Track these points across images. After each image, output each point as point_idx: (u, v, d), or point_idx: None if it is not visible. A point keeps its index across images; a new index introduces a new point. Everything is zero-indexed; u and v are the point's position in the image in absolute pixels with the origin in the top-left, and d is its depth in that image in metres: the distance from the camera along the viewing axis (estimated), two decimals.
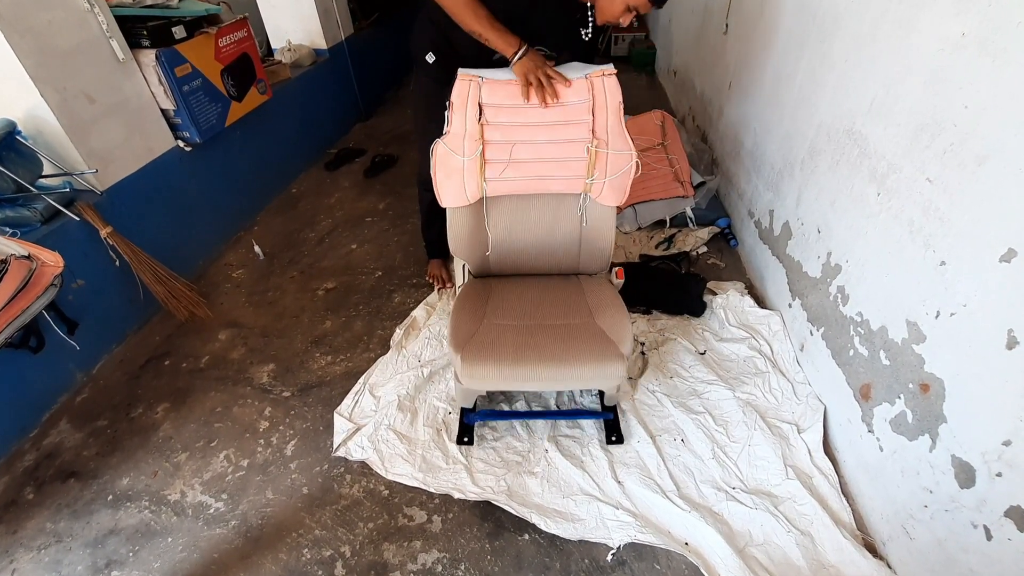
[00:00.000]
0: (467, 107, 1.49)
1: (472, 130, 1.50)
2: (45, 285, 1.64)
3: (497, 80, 1.49)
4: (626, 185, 1.59)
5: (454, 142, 1.52)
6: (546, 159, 1.55)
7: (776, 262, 2.11)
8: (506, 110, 1.50)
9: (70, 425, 1.89)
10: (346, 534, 1.54)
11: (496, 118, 1.50)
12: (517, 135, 1.52)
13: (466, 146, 1.52)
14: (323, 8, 3.56)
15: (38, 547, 1.53)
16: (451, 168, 1.54)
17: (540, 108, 1.48)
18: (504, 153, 1.53)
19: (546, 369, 1.46)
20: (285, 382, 2.02)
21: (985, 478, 1.10)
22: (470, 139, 1.51)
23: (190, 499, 1.64)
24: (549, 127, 1.52)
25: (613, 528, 1.50)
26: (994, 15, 1.09)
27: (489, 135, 1.51)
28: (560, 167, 1.56)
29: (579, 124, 1.51)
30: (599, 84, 1.49)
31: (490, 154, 1.53)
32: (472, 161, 1.52)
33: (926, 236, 1.28)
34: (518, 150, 1.53)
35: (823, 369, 1.74)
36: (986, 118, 1.11)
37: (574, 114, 1.50)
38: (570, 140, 1.53)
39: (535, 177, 1.58)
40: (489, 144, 1.52)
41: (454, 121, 1.50)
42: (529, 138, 1.52)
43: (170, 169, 2.39)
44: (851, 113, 1.60)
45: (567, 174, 1.57)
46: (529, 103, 1.48)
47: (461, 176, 1.55)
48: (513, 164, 1.55)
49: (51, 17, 1.84)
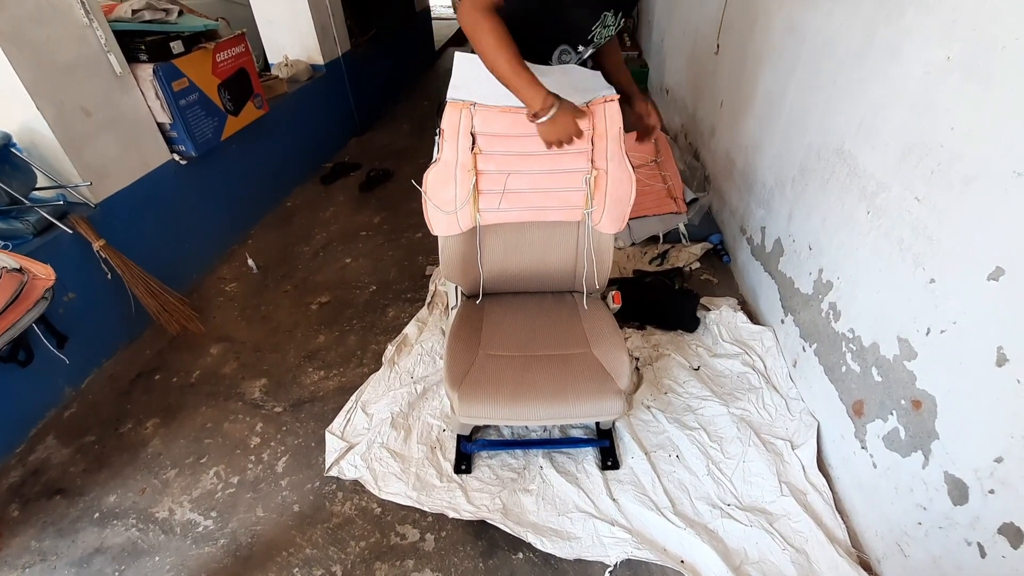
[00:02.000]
0: (459, 136, 1.42)
1: (464, 160, 1.44)
2: (36, 298, 1.62)
3: (491, 108, 1.40)
4: (626, 212, 1.55)
5: (445, 172, 1.46)
6: (542, 190, 1.50)
7: (768, 278, 2.13)
8: (500, 139, 1.43)
9: (57, 441, 1.85)
10: (337, 553, 1.51)
11: (490, 147, 1.44)
12: (512, 165, 1.47)
13: (458, 176, 1.47)
14: (320, 24, 3.60)
15: (22, 566, 1.50)
16: (442, 199, 1.49)
17: (536, 137, 1.36)
18: (498, 184, 1.48)
19: (543, 408, 1.43)
20: (277, 397, 2.00)
21: (978, 495, 1.11)
22: (462, 169, 1.46)
23: (178, 517, 1.62)
24: (545, 157, 1.45)
25: (609, 545, 1.49)
26: (979, 40, 1.12)
27: (483, 165, 1.46)
28: (557, 198, 1.51)
29: (577, 154, 1.46)
30: (599, 111, 1.41)
31: (483, 185, 1.48)
32: (465, 192, 1.47)
33: (916, 254, 1.30)
34: (513, 180, 1.48)
35: (816, 385, 1.75)
36: (972, 140, 1.14)
37: (572, 143, 1.43)
38: (568, 170, 1.48)
39: (531, 208, 1.53)
40: (483, 174, 1.46)
41: (445, 149, 1.44)
42: (524, 168, 1.47)
43: (165, 182, 2.39)
44: (840, 133, 1.63)
45: (564, 204, 1.52)
46: (527, 134, 1.39)
47: (454, 207, 1.50)
48: (508, 195, 1.50)
49: (49, 32, 1.85)
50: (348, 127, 4.18)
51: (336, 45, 3.81)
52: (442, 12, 8.01)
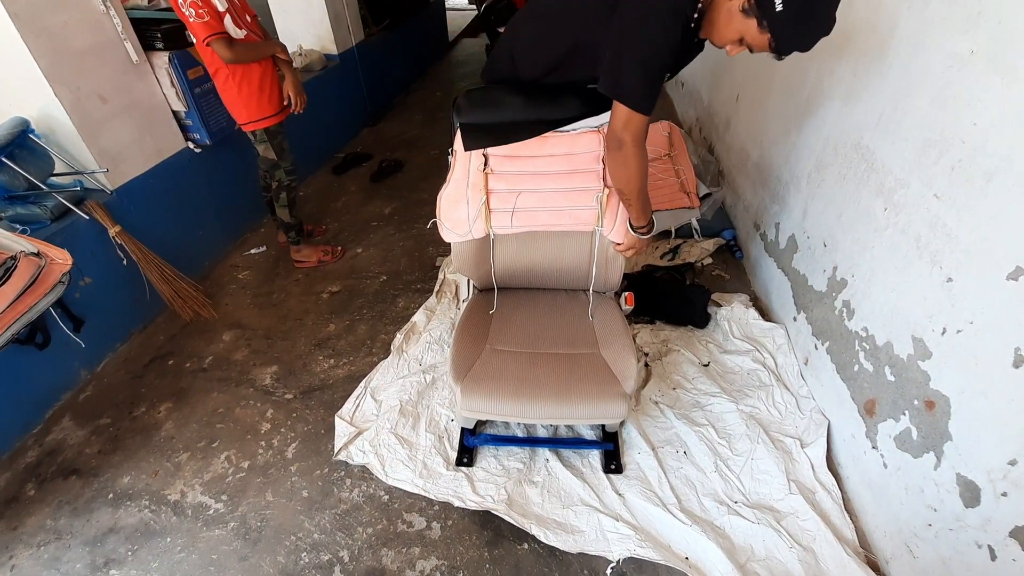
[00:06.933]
0: (471, 156, 1.46)
1: (476, 180, 1.47)
2: (53, 282, 1.65)
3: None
4: None
5: (457, 191, 1.49)
6: (554, 208, 1.51)
7: (781, 275, 2.10)
8: (511, 159, 1.46)
9: (73, 422, 1.89)
10: (345, 538, 1.53)
11: (501, 167, 1.47)
12: (523, 184, 1.48)
13: (470, 196, 1.49)
14: (334, 14, 3.60)
15: (37, 544, 1.53)
16: (455, 219, 1.52)
17: (548, 158, 1.43)
18: (509, 202, 1.49)
19: (545, 407, 1.43)
20: (287, 384, 2.02)
21: (990, 497, 1.09)
22: (474, 189, 1.48)
23: (190, 499, 1.64)
24: (556, 176, 1.47)
25: (613, 541, 1.49)
26: (1004, 33, 1.09)
27: (493, 184, 1.47)
28: (569, 215, 1.52)
29: (588, 173, 1.47)
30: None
31: (494, 203, 1.49)
32: (475, 210, 1.49)
33: (933, 252, 1.27)
34: (524, 199, 1.49)
35: (827, 383, 1.73)
36: (994, 135, 1.11)
37: (583, 163, 1.46)
38: (580, 188, 1.48)
39: (542, 224, 1.54)
40: (493, 193, 1.48)
41: (456, 168, 1.47)
42: (535, 186, 1.48)
43: (179, 170, 2.41)
44: (858, 127, 1.60)
45: (576, 221, 1.53)
46: (538, 154, 1.44)
47: (467, 225, 1.52)
48: (518, 213, 1.51)
49: (67, 18, 1.87)
50: (360, 117, 4.18)
51: (350, 35, 3.81)
52: (456, 2, 7.95)
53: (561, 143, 1.45)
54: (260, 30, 2.18)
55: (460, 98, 1.48)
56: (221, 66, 2.05)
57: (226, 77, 2.09)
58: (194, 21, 1.90)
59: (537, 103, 1.44)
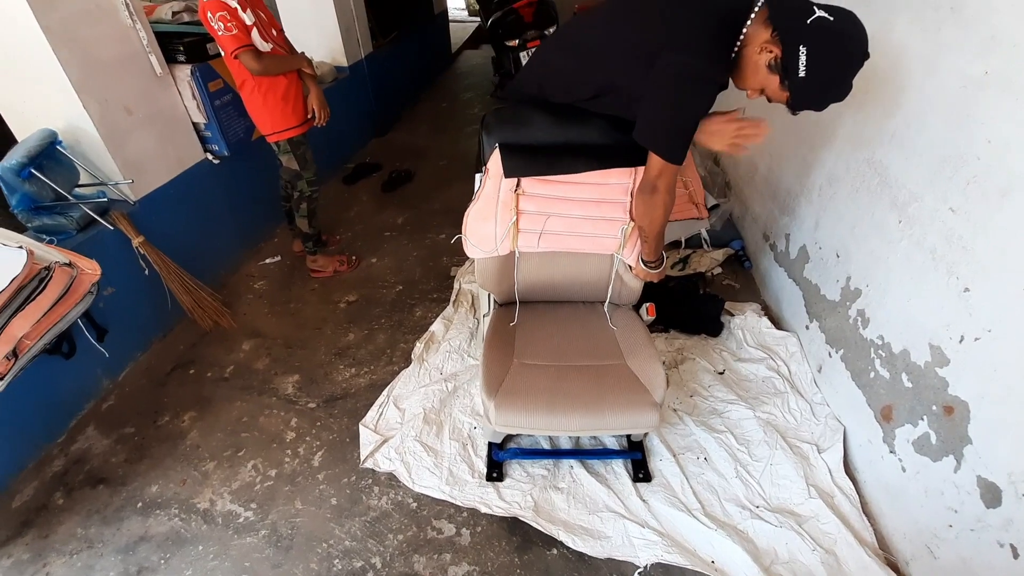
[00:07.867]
0: (503, 175, 1.47)
1: (506, 199, 1.49)
2: (83, 292, 1.68)
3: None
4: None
5: (486, 208, 1.51)
6: (579, 234, 1.54)
7: (792, 284, 2.16)
8: (544, 183, 1.48)
9: (97, 431, 1.90)
10: (376, 545, 1.55)
11: (533, 189, 1.49)
12: (552, 208, 1.50)
13: (499, 214, 1.51)
14: (345, 27, 3.65)
15: (70, 552, 1.54)
16: (481, 235, 1.54)
17: (579, 185, 1.46)
18: (537, 224, 1.52)
19: (579, 419, 1.46)
20: (310, 393, 2.04)
21: (1012, 498, 1.14)
22: (504, 207, 1.50)
23: (219, 508, 1.66)
24: (585, 203, 1.50)
25: (640, 546, 1.52)
26: (1019, 55, 1.15)
27: (524, 205, 1.49)
28: (591, 242, 1.56)
29: (615, 204, 1.50)
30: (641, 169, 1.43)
31: (523, 223, 1.52)
32: (503, 229, 1.52)
33: (949, 264, 1.33)
34: (552, 223, 1.52)
35: (842, 390, 1.78)
36: (1010, 153, 1.17)
37: (612, 193, 1.49)
38: (605, 218, 1.52)
39: (566, 247, 1.58)
40: (523, 214, 1.51)
41: (487, 186, 1.49)
42: (564, 212, 1.51)
43: (198, 181, 2.44)
44: (871, 143, 1.66)
45: (597, 248, 1.57)
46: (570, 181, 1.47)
47: (494, 242, 1.54)
48: (545, 235, 1.54)
49: (96, 31, 1.91)
50: (369, 128, 4.23)
51: (359, 47, 3.86)
52: (457, 15, 8.05)
53: (594, 172, 1.48)
54: (286, 44, 2.22)
55: (488, 116, 1.52)
56: (248, 78, 2.09)
57: (252, 88, 2.12)
58: (223, 34, 1.94)
59: (566, 124, 1.48)
